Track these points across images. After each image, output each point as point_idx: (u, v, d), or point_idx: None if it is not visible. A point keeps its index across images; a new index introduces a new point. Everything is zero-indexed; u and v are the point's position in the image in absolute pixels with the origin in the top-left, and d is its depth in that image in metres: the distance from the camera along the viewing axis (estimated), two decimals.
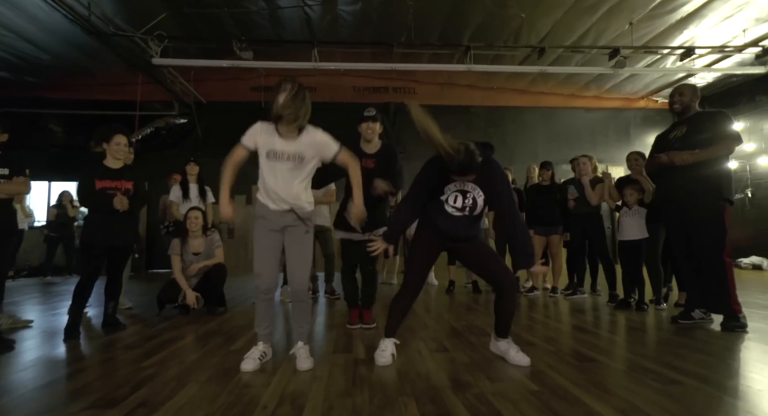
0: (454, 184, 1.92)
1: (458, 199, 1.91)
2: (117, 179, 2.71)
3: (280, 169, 1.86)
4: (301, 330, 1.99)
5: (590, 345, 2.26)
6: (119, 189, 2.68)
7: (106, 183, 2.66)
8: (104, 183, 2.65)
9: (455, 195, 1.91)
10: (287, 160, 1.86)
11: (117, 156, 2.74)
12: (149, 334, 2.60)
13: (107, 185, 2.66)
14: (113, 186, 2.67)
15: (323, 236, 4.29)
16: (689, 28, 5.80)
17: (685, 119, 2.83)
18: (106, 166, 2.73)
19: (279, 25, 6.05)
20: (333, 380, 1.74)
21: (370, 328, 2.75)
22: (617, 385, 1.62)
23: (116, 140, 2.72)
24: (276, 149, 1.85)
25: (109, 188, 2.65)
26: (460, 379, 1.73)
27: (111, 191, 2.65)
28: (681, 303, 3.36)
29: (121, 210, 2.61)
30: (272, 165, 1.86)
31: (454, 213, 1.92)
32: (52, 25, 5.54)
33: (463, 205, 1.91)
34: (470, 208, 1.92)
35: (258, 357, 1.90)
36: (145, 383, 1.69)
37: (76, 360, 2.11)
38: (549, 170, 4.39)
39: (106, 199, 2.61)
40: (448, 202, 1.92)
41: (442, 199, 1.93)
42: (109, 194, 2.63)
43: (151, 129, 7.80)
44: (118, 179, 2.71)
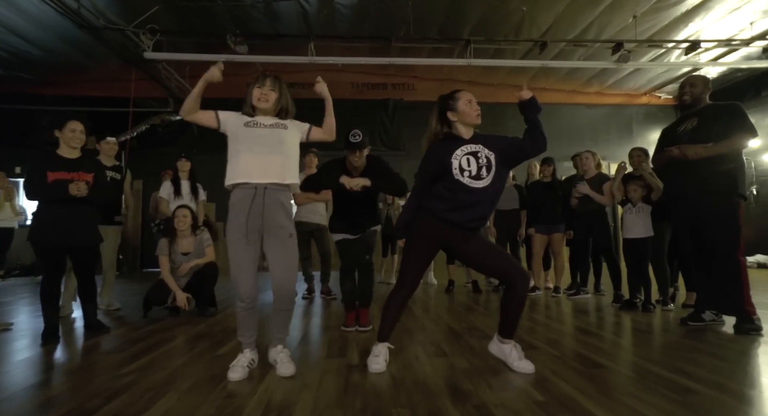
0: (461, 149, 1.81)
1: (471, 161, 1.78)
2: (74, 170, 2.41)
3: (263, 134, 1.79)
4: (281, 335, 1.87)
5: (596, 348, 2.15)
6: (77, 181, 2.38)
7: (61, 175, 2.36)
8: (58, 175, 2.36)
9: (467, 158, 1.79)
10: (267, 127, 1.82)
11: (72, 144, 2.45)
12: (135, 337, 2.49)
13: (62, 176, 2.36)
14: (69, 178, 2.37)
15: (320, 234, 4.18)
16: (695, 21, 5.67)
17: (696, 111, 2.70)
18: (60, 155, 2.44)
19: (275, 18, 5.92)
20: (324, 388, 1.62)
21: (366, 331, 2.64)
22: (628, 394, 1.51)
23: (71, 126, 2.44)
24: (256, 119, 1.82)
25: (64, 181, 2.35)
26: (460, 387, 1.61)
27: (67, 183, 2.35)
28: (689, 304, 3.24)
29: (78, 196, 2.32)
30: (253, 132, 1.78)
31: (472, 184, 1.77)
32: (42, 19, 5.41)
33: (479, 166, 1.78)
34: (486, 167, 1.79)
35: (246, 365, 1.77)
36: (121, 393, 1.57)
37: (52, 366, 2.00)
38: (551, 166, 4.27)
39: (60, 191, 2.32)
40: (463, 171, 1.77)
41: (454, 172, 1.78)
42: (64, 185, 2.34)
43: (146, 126, 7.68)
44: (74, 170, 2.42)
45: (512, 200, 4.38)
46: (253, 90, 1.81)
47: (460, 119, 1.84)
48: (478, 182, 1.78)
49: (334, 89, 7.67)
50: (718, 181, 2.51)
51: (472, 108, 1.82)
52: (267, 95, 1.82)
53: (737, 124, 2.49)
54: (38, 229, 2.38)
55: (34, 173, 2.36)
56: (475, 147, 1.81)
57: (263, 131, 1.80)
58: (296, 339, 2.46)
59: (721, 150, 2.48)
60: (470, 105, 1.83)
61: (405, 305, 1.94)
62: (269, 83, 1.82)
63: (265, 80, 1.82)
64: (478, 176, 1.78)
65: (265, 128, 1.80)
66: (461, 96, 1.85)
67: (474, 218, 1.82)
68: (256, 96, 1.80)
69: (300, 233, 4.22)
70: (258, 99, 1.80)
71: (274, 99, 1.83)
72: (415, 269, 1.89)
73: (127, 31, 5.21)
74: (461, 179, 1.77)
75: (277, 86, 1.84)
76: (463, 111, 1.83)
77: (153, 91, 7.22)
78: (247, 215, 1.76)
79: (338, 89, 8.32)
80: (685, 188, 2.62)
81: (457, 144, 1.82)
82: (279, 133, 1.82)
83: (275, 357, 1.82)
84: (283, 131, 1.83)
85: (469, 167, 1.78)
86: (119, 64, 6.42)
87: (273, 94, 1.83)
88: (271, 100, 1.82)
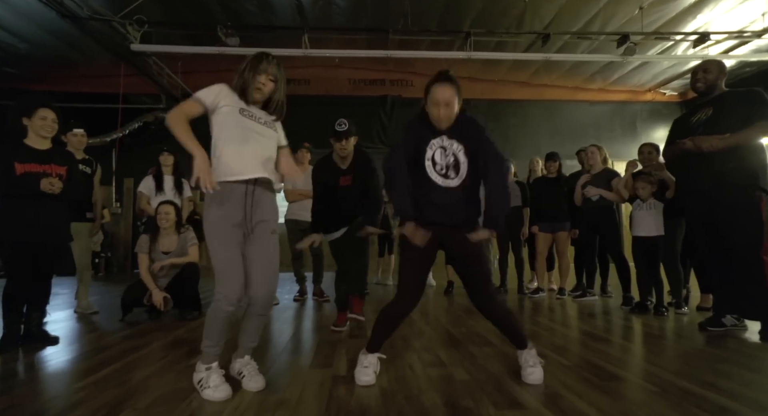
0: (434, 141, 1.64)
1: (440, 156, 1.62)
2: (45, 163, 2.22)
3: (254, 129, 1.57)
4: (251, 344, 1.66)
5: (610, 357, 1.94)
6: (49, 174, 2.20)
7: (31, 167, 2.17)
8: (28, 167, 2.16)
9: (439, 151, 1.63)
10: (262, 124, 1.60)
11: (42, 134, 2.23)
12: (103, 344, 2.28)
13: (32, 169, 2.17)
14: (40, 171, 2.19)
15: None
16: (704, 12, 5.46)
17: (710, 99, 2.50)
18: (29, 146, 2.22)
19: (268, 10, 5.73)
20: (303, 406, 1.41)
21: (360, 320, 2.63)
22: (654, 414, 1.30)
23: (41, 113, 2.22)
24: (249, 109, 1.59)
25: (35, 174, 2.16)
26: (459, 404, 1.41)
27: (38, 176, 2.16)
28: (704, 306, 3.04)
29: (50, 192, 2.15)
30: (244, 123, 1.55)
31: (440, 183, 1.61)
32: (25, 10, 5.22)
33: (446, 165, 1.61)
34: (453, 167, 1.61)
35: (224, 381, 1.50)
36: (68, 413, 1.37)
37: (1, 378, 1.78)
38: (556, 162, 4.07)
39: (30, 185, 2.14)
40: (434, 164, 1.62)
41: (427, 164, 1.62)
42: (36, 179, 2.15)
43: (139, 123, 7.49)
44: (46, 162, 2.23)
45: (514, 196, 4.16)
46: (253, 75, 1.55)
47: (429, 115, 1.65)
48: (447, 182, 1.62)
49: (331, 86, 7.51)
50: (738, 174, 2.31)
51: (435, 112, 1.60)
52: (264, 85, 1.57)
53: (758, 112, 2.29)
54: (8, 225, 2.15)
55: (0, 164, 2.13)
56: (447, 142, 1.63)
57: (259, 127, 1.59)
58: (281, 344, 2.25)
59: (740, 141, 2.28)
60: (434, 108, 1.60)
61: (404, 318, 1.72)
62: (271, 71, 1.57)
63: (269, 66, 1.57)
64: (446, 175, 1.62)
65: (260, 124, 1.60)
66: (431, 93, 1.61)
67: (449, 218, 1.62)
68: (261, 81, 1.56)
69: (292, 231, 4.04)
70: (255, 88, 1.56)
71: (268, 91, 1.60)
72: (412, 275, 1.67)
73: (113, 22, 5.01)
74: (432, 174, 1.62)
75: (279, 76, 1.61)
76: (428, 109, 1.64)
77: (145, 88, 7.02)
78: (242, 208, 1.53)
79: (335, 85, 8.16)
80: (701, 182, 2.42)
81: (430, 134, 1.64)
82: (271, 134, 1.63)
83: (241, 369, 1.60)
84: (273, 132, 1.65)
85: (440, 160, 1.62)
86: (109, 58, 6.21)
87: (270, 85, 1.59)
88: (266, 92, 1.59)
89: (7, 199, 2.18)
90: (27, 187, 2.14)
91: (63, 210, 2.35)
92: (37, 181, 2.15)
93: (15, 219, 2.15)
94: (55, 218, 2.28)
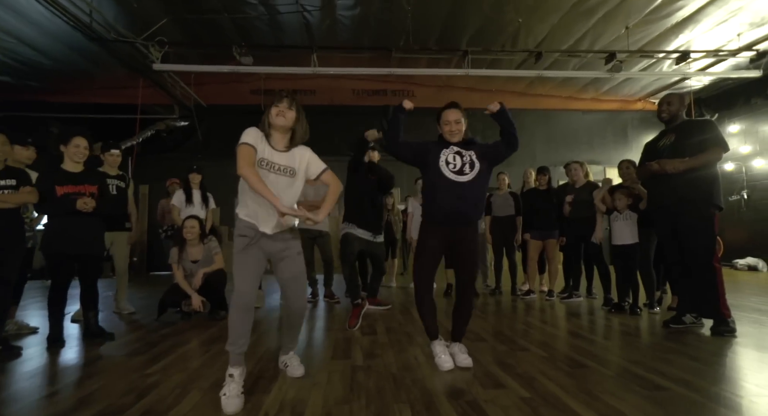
0: (449, 148, 2.11)
1: (456, 158, 2.07)
2: (80, 184, 2.59)
3: (274, 181, 1.76)
4: (292, 344, 2.04)
5: (583, 350, 2.32)
6: (83, 194, 2.57)
7: (68, 188, 2.55)
8: (66, 189, 2.54)
9: (453, 155, 2.08)
10: (280, 172, 1.79)
11: (76, 159, 2.61)
12: (152, 340, 2.66)
13: (69, 190, 2.55)
14: (76, 191, 2.56)
15: (322, 240, 4.35)
16: (684, 32, 5.87)
17: (673, 127, 2.90)
18: (66, 170, 2.60)
19: (278, 30, 6.11)
20: (332, 387, 1.80)
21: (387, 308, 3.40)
22: (605, 391, 1.68)
23: (75, 142, 2.60)
24: (270, 158, 1.77)
25: (73, 194, 2.54)
26: (455, 386, 1.79)
27: (74, 196, 2.53)
28: (674, 307, 3.42)
29: (85, 211, 2.51)
30: (265, 175, 1.74)
31: (455, 178, 2.04)
32: (53, 31, 5.59)
33: (463, 163, 2.05)
34: (469, 165, 2.06)
35: (239, 393, 1.62)
36: (150, 390, 1.75)
37: (81, 367, 2.17)
38: (546, 175, 4.45)
39: (68, 205, 2.51)
40: (448, 164, 2.06)
41: (440, 164, 2.06)
42: (73, 199, 2.52)
43: (151, 132, 7.88)
44: (81, 183, 2.60)
45: (508, 206, 4.56)
46: (271, 108, 1.79)
47: (442, 133, 2.16)
48: (461, 177, 2.05)
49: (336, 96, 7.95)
50: (695, 192, 2.69)
51: (447, 128, 2.11)
52: (284, 112, 1.78)
53: (711, 139, 2.68)
54: (48, 239, 2.56)
55: (44, 188, 2.52)
56: (461, 149, 2.11)
57: (273, 177, 1.76)
58: (303, 341, 2.63)
59: (697, 164, 2.67)
60: (445, 127, 2.12)
61: (433, 302, 2.18)
62: (286, 103, 1.80)
63: (282, 99, 1.80)
64: (461, 171, 2.05)
65: (275, 173, 1.77)
66: (442, 116, 2.15)
67: (456, 212, 2.04)
68: (273, 113, 1.78)
69: (302, 239, 4.39)
70: (276, 115, 1.77)
71: (292, 118, 1.80)
72: (422, 270, 2.12)
73: (136, 44, 5.39)
74: (445, 171, 2.05)
75: (294, 106, 1.82)
76: (441, 128, 2.16)
77: (158, 98, 7.40)
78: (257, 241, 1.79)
79: (339, 95, 8.55)
80: (665, 199, 2.81)
81: (446, 145, 2.13)
82: (285, 182, 1.79)
83: (286, 361, 1.99)
84: (289, 179, 1.81)
85: (454, 161, 2.07)
86: (125, 72, 6.60)
87: (291, 113, 1.80)
88: (288, 118, 1.79)
89: (51, 218, 2.60)
90: (66, 206, 2.54)
91: (98, 224, 2.74)
92: (74, 201, 2.53)
93: (57, 235, 2.56)
94: (91, 231, 2.67)
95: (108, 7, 5.25)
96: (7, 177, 2.44)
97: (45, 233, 2.60)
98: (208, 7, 5.42)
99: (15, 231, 2.45)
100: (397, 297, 4.53)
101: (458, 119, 2.10)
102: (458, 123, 2.10)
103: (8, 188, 2.42)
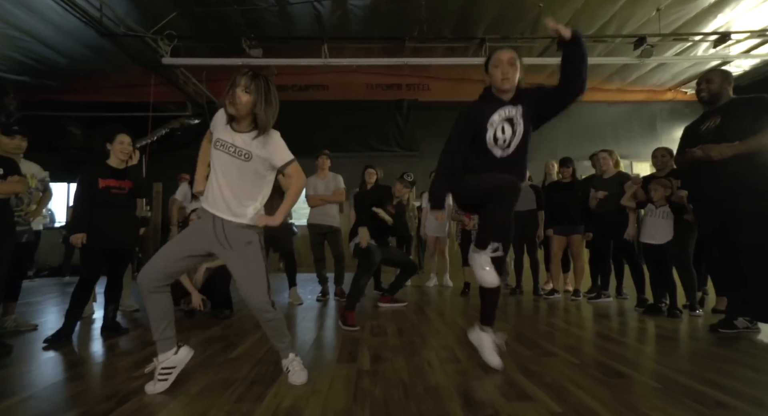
0: (498, 113, 1.77)
1: (507, 129, 1.76)
2: (121, 179, 2.71)
3: (226, 162, 1.60)
4: (283, 345, 1.78)
5: (618, 356, 2.05)
6: (123, 188, 2.70)
7: (111, 182, 2.66)
8: (108, 182, 2.65)
9: (501, 126, 1.76)
10: (235, 154, 1.60)
11: (121, 156, 2.70)
12: (147, 339, 2.51)
13: (111, 183, 2.66)
14: (117, 185, 2.68)
15: (333, 236, 4.18)
16: (724, 11, 5.41)
17: (717, 108, 2.57)
18: (110, 165, 2.71)
19: (289, 21, 5.96)
20: (333, 394, 1.59)
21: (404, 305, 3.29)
22: (653, 407, 1.42)
23: (119, 138, 2.71)
24: (225, 138, 1.61)
25: (113, 187, 2.66)
26: (473, 396, 1.56)
27: (115, 190, 2.66)
28: (720, 309, 3.08)
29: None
30: (219, 156, 1.61)
31: (500, 155, 1.76)
32: (67, 28, 5.60)
33: (513, 132, 1.75)
34: (518, 135, 1.77)
35: (158, 378, 1.60)
36: (133, 395, 1.58)
37: (72, 366, 2.03)
38: (569, 167, 4.15)
39: (109, 197, 2.63)
40: (496, 140, 1.76)
41: (488, 141, 1.77)
42: (113, 193, 2.64)
43: (166, 130, 7.87)
44: (122, 178, 2.71)
45: (529, 200, 4.26)
46: (229, 90, 1.56)
47: (491, 82, 1.82)
48: (506, 151, 1.77)
49: (349, 90, 7.76)
50: (748, 179, 2.37)
51: (497, 73, 1.76)
52: (239, 97, 1.54)
53: (766, 119, 2.35)
54: (89, 234, 2.56)
55: (87, 178, 2.60)
56: (513, 111, 1.77)
57: (225, 157, 1.60)
58: (308, 342, 2.44)
59: (749, 148, 2.35)
60: (496, 70, 1.77)
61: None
62: (243, 83, 1.55)
63: (240, 79, 1.55)
64: (509, 144, 1.76)
65: (227, 153, 1.60)
66: (493, 56, 1.81)
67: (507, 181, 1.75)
68: (227, 98, 1.55)
69: (313, 234, 4.24)
70: (228, 103, 1.55)
71: (247, 103, 1.55)
72: None
73: (146, 38, 5.33)
74: (493, 149, 1.76)
75: (253, 87, 1.55)
76: (490, 73, 1.81)
77: (171, 96, 7.38)
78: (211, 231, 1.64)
79: (352, 90, 8.37)
80: (711, 189, 2.49)
81: (495, 106, 1.78)
82: (237, 164, 1.60)
83: (287, 366, 1.77)
84: (242, 162, 1.60)
85: (503, 134, 1.75)
86: (138, 69, 6.59)
87: (245, 97, 1.55)
88: (241, 105, 1.55)
89: (92, 208, 2.59)
90: (106, 198, 2.62)
91: (132, 219, 2.84)
92: (114, 194, 2.64)
93: (94, 229, 2.56)
94: (126, 226, 2.74)
95: (118, 2, 5.20)
96: None
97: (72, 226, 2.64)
98: None
99: (2, 223, 2.33)
100: (411, 297, 4.30)
101: (511, 59, 1.73)
102: (512, 65, 1.73)
103: None
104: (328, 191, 4.22)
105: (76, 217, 2.60)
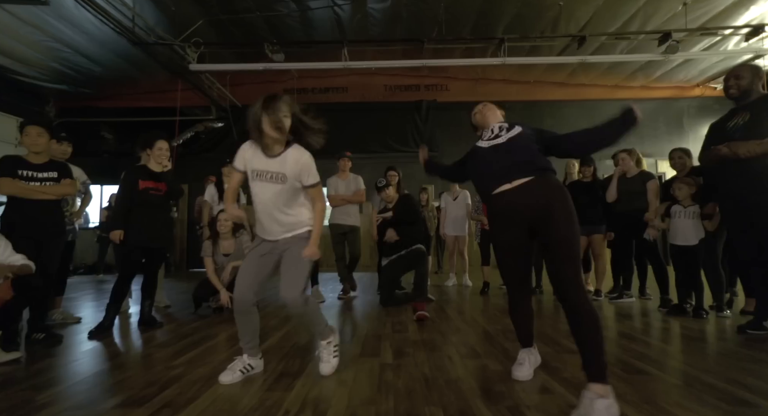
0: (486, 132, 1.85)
1: (495, 129, 1.80)
2: (159, 181, 2.89)
3: (262, 189, 1.72)
4: (315, 331, 1.89)
5: (639, 354, 2.05)
6: (160, 190, 2.88)
7: (149, 184, 2.84)
8: (147, 184, 2.83)
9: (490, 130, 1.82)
10: (270, 180, 1.70)
11: (159, 161, 2.88)
12: (182, 332, 2.66)
13: (150, 185, 2.84)
14: (155, 187, 2.87)
15: (352, 236, 4.26)
16: (758, 3, 5.22)
17: (746, 104, 2.51)
18: (149, 169, 2.89)
19: (309, 26, 6.11)
20: (358, 385, 1.67)
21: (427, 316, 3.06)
22: (673, 403, 1.44)
23: (158, 145, 2.88)
24: (261, 167, 1.71)
25: (151, 189, 2.85)
26: (493, 389, 1.60)
27: (153, 191, 2.84)
28: (749, 311, 3.01)
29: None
30: (257, 186, 1.73)
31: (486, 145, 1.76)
32: (102, 38, 5.90)
33: (500, 128, 1.78)
34: (507, 129, 1.76)
35: (240, 369, 1.76)
36: (173, 383, 1.70)
37: (114, 356, 2.18)
38: (590, 167, 4.10)
39: (148, 198, 2.80)
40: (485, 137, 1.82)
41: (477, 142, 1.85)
42: (152, 194, 2.82)
43: (191, 133, 8.17)
44: (159, 181, 2.89)
45: None
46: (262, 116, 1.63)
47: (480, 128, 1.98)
48: (494, 141, 1.75)
49: (368, 92, 7.83)
50: None
51: (479, 116, 1.97)
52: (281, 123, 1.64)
53: None
54: (128, 231, 2.75)
55: (129, 180, 2.79)
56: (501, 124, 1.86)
57: (265, 186, 1.71)
58: None
59: None
60: (477, 115, 1.98)
61: (526, 308, 1.78)
62: (285, 109, 1.65)
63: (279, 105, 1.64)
64: (497, 136, 1.77)
65: (266, 182, 1.71)
66: (474, 111, 2.02)
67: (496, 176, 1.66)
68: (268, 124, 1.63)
69: (334, 234, 4.34)
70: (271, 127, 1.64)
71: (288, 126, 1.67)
72: (505, 265, 1.70)
73: (174, 46, 5.56)
74: (480, 143, 1.81)
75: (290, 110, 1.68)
76: (476, 124, 2.00)
77: (196, 100, 7.65)
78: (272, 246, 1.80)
79: (371, 92, 8.47)
80: (739, 188, 2.45)
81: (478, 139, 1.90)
82: (276, 188, 1.71)
83: (318, 352, 1.88)
84: (281, 185, 1.71)
85: (492, 133, 1.80)
86: (166, 76, 6.86)
87: (287, 121, 1.66)
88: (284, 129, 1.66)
89: (132, 208, 2.77)
90: (144, 198, 2.80)
91: (168, 218, 3.05)
92: (152, 196, 2.82)
93: (133, 228, 2.74)
94: (163, 226, 2.93)
95: (149, 12, 5.46)
96: (49, 170, 2.53)
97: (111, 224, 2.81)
98: (242, 6, 5.50)
99: (56, 223, 2.52)
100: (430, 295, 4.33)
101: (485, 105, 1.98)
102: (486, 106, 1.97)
103: (50, 181, 2.51)
104: (348, 191, 4.31)
105: (115, 215, 2.79)
